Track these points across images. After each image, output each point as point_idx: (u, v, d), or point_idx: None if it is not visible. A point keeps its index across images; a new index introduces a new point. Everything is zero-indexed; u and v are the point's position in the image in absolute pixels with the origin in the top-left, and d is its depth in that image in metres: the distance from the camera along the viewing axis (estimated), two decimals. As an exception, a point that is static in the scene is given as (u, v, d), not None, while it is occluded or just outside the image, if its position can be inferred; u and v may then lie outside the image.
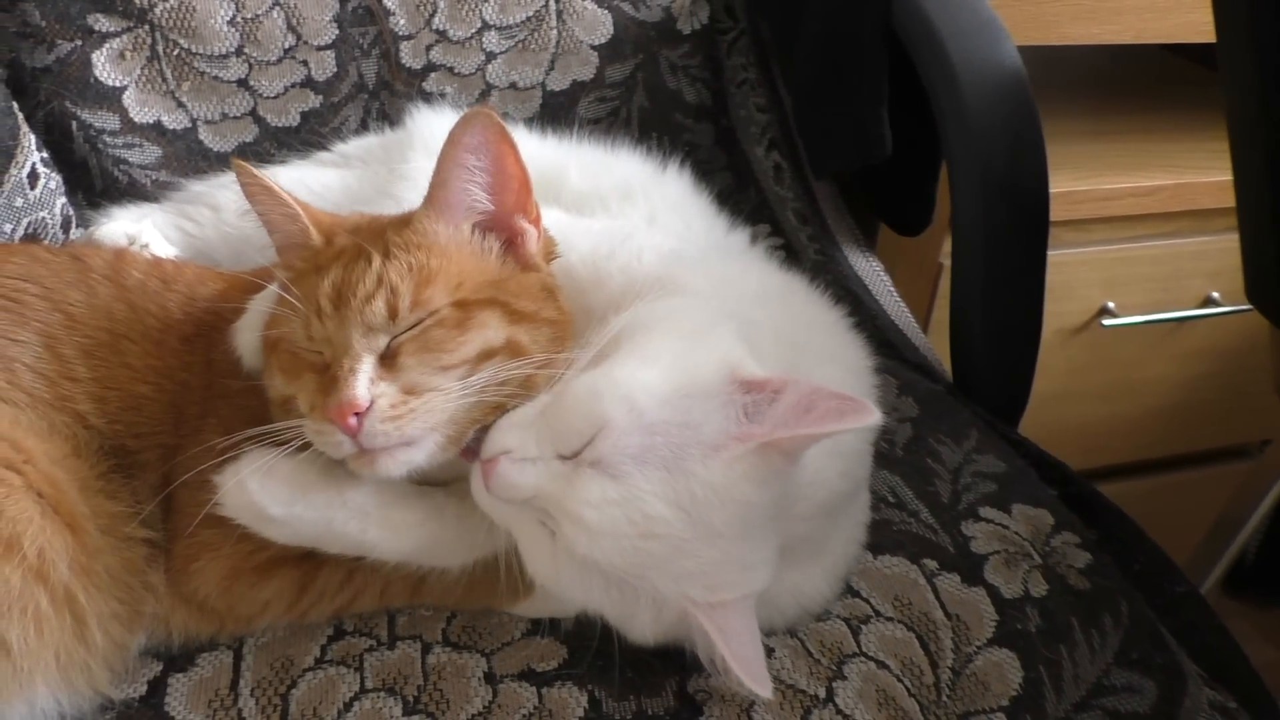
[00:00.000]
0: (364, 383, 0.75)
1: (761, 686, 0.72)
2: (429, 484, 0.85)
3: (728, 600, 0.72)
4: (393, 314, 0.77)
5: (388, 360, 0.77)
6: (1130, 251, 1.63)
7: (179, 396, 0.86)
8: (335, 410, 0.74)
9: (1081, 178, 1.57)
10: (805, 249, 1.38)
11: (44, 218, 1.16)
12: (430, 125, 1.14)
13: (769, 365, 0.75)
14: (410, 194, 1.03)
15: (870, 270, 1.36)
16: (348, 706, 0.79)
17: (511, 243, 0.86)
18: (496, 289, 0.82)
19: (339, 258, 0.81)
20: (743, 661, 0.71)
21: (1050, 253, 1.56)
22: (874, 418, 0.68)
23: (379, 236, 0.82)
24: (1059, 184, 1.52)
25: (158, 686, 0.81)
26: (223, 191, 1.15)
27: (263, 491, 0.77)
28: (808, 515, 0.80)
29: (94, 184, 1.27)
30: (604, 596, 0.73)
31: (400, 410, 0.75)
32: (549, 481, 0.71)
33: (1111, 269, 1.64)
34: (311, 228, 0.84)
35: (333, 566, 0.83)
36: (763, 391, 0.71)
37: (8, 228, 1.12)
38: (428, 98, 1.34)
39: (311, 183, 1.12)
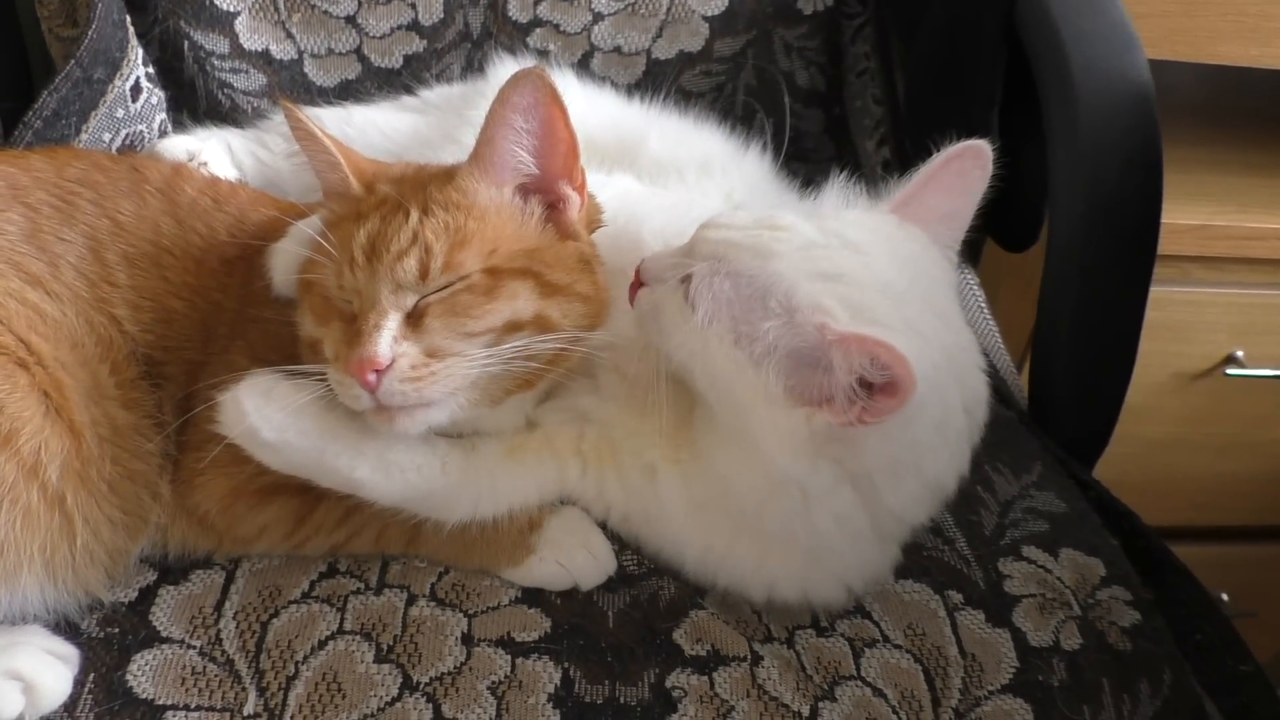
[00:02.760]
0: (386, 340, 0.75)
1: None
2: (447, 434, 0.85)
3: None
4: (424, 273, 0.77)
5: (413, 319, 0.77)
6: (1269, 299, 1.51)
7: (211, 316, 0.87)
8: (356, 364, 0.74)
9: (1223, 212, 1.46)
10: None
11: (142, 130, 1.20)
12: (509, 75, 1.13)
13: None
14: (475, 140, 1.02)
15: (964, 283, 1.29)
16: (321, 644, 0.79)
17: (553, 207, 0.84)
18: (531, 258, 0.80)
19: (378, 208, 0.81)
20: None
21: (1176, 289, 1.48)
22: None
23: (420, 189, 0.81)
24: (1195, 216, 1.43)
25: (148, 595, 0.82)
26: (300, 122, 1.16)
27: (258, 414, 0.77)
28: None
29: (198, 105, 1.30)
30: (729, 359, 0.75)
31: (421, 372, 0.76)
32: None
33: (1245, 314, 1.52)
34: (351, 176, 0.83)
35: (331, 503, 0.83)
36: None
37: (106, 137, 1.16)
38: (532, 54, 1.33)
39: (383, 125, 1.12)
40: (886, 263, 0.77)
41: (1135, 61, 1.03)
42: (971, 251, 1.35)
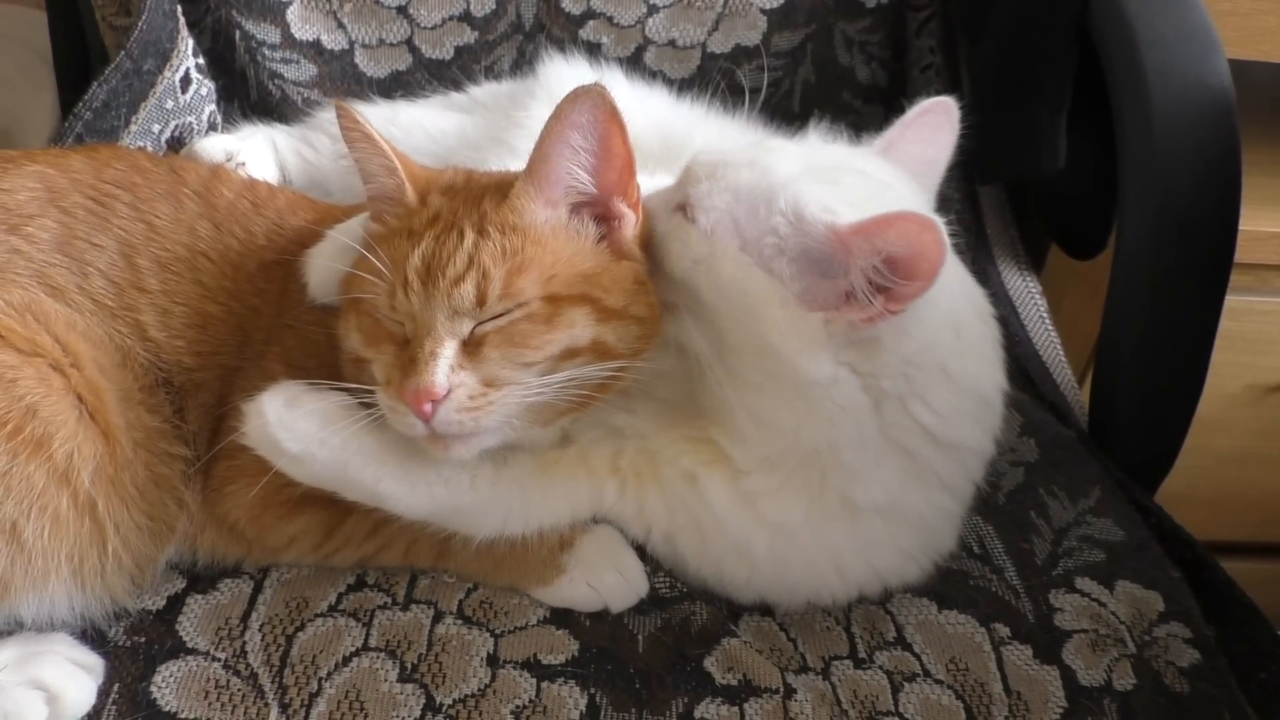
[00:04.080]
0: (443, 369, 0.73)
1: None
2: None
3: None
4: (481, 300, 0.74)
5: (470, 347, 0.75)
6: (1354, 311, 1.43)
7: (247, 321, 0.86)
8: (412, 395, 0.73)
9: (1306, 219, 1.38)
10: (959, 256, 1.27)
11: (191, 122, 1.20)
12: (558, 75, 1.11)
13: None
14: (524, 143, 1.00)
15: (1025, 290, 1.24)
16: (346, 661, 0.78)
17: (608, 224, 0.81)
18: (589, 283, 0.78)
19: (431, 225, 0.78)
20: None
21: (1254, 298, 1.42)
22: None
23: (474, 204, 0.79)
24: (1275, 223, 1.36)
25: (175, 603, 0.82)
26: (345, 121, 1.15)
27: (281, 425, 0.76)
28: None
29: (249, 95, 1.30)
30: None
31: (479, 402, 0.74)
32: None
33: (1327, 326, 1.44)
34: (408, 184, 0.80)
35: (360, 515, 0.82)
36: None
37: (155, 128, 1.16)
38: (585, 46, 1.30)
39: (429, 126, 1.11)
40: (881, 176, 0.82)
41: (1215, 67, 0.98)
42: (1035, 257, 1.30)
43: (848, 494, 0.79)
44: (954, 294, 0.79)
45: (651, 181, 0.96)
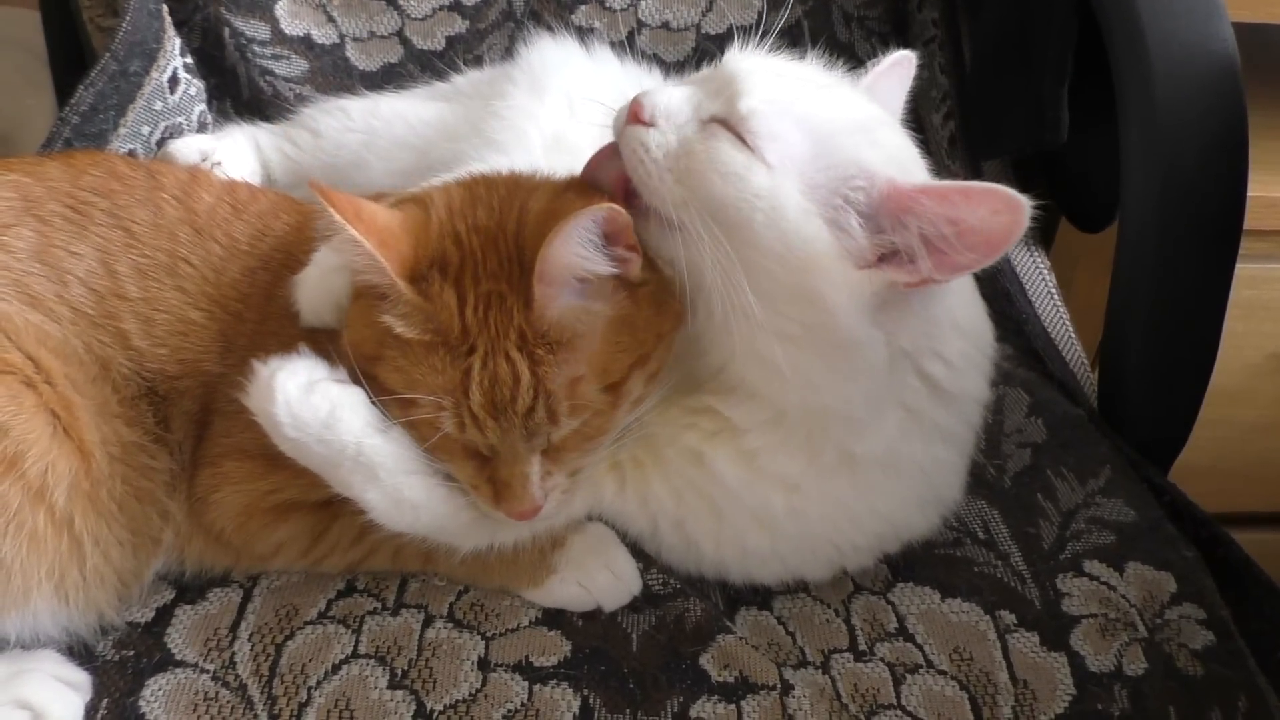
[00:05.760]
0: (536, 485, 0.76)
1: None
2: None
3: None
4: (553, 419, 0.74)
5: (550, 452, 0.76)
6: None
7: (230, 327, 0.85)
8: (518, 516, 0.76)
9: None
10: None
11: (180, 122, 1.19)
12: (542, 57, 1.09)
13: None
14: (501, 134, 0.99)
15: (1032, 266, 1.21)
16: (335, 669, 0.77)
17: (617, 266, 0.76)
18: (631, 349, 0.76)
19: (466, 344, 0.72)
20: None
21: (1273, 265, 1.37)
22: None
23: (506, 318, 0.72)
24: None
25: (164, 615, 0.81)
26: (325, 117, 1.14)
27: (287, 408, 0.73)
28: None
29: (240, 93, 1.29)
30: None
31: (568, 491, 0.79)
32: None
33: (1346, 292, 1.40)
34: (399, 282, 0.72)
35: (346, 521, 0.81)
36: None
37: (145, 130, 1.15)
38: (577, 32, 1.28)
39: (410, 116, 1.09)
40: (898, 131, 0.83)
41: (1218, 32, 0.94)
42: (1043, 233, 1.27)
43: (848, 448, 0.78)
44: None
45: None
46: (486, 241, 0.75)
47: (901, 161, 0.76)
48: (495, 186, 0.80)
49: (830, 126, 0.75)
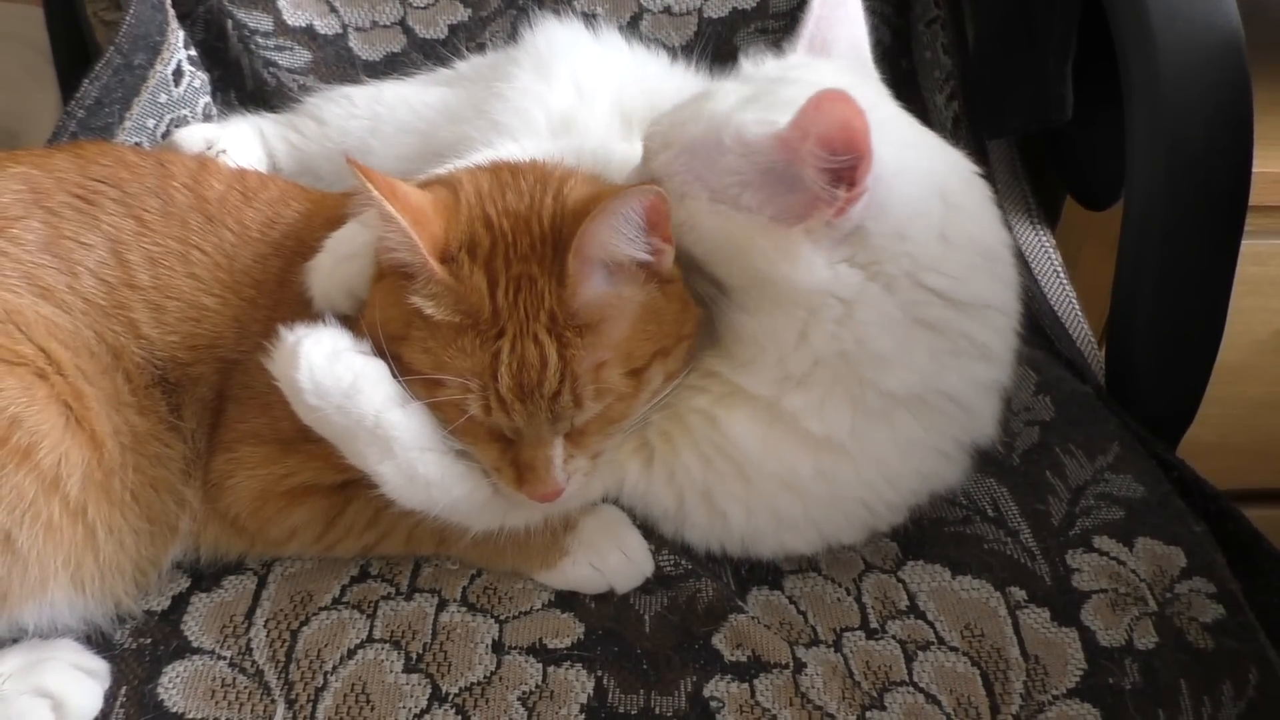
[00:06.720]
0: (559, 468, 0.77)
1: None
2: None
3: None
4: (578, 404, 0.75)
5: (573, 435, 0.78)
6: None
7: (244, 312, 0.85)
8: (540, 498, 0.77)
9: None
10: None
11: (185, 115, 1.19)
12: (548, 39, 1.08)
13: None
14: (504, 116, 0.99)
15: (1037, 244, 1.21)
16: (351, 654, 0.78)
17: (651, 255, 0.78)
18: (656, 339, 0.77)
19: (497, 327, 0.73)
20: None
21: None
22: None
23: (538, 300, 0.74)
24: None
25: (180, 602, 0.82)
26: (330, 105, 1.14)
27: (310, 374, 0.74)
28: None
29: (244, 84, 1.29)
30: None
31: (589, 474, 0.80)
32: None
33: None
34: (431, 261, 0.73)
35: (361, 504, 0.81)
36: None
37: (150, 123, 1.15)
38: (580, 17, 1.27)
39: (413, 101, 1.09)
40: (814, 76, 0.83)
41: (1222, 7, 0.93)
42: (1049, 211, 1.27)
43: (884, 386, 0.79)
44: (927, 161, 0.81)
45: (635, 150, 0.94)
46: (518, 225, 0.76)
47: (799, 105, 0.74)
48: (522, 172, 0.81)
49: (710, 129, 0.79)
